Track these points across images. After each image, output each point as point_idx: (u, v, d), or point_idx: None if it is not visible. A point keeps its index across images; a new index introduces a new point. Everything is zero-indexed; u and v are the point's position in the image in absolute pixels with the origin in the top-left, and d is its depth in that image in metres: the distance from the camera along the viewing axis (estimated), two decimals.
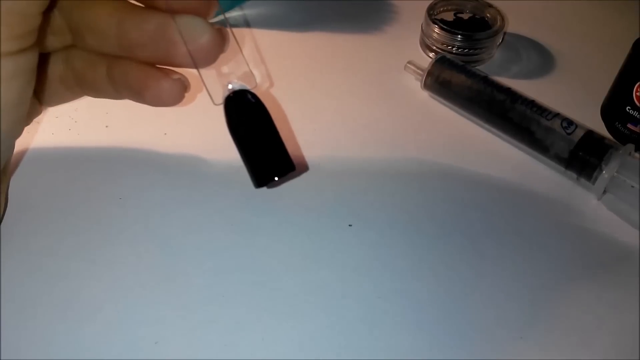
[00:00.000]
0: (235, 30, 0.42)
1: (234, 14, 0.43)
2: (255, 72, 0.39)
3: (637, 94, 0.33)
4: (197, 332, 0.26)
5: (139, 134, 0.35)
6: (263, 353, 0.26)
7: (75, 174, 0.32)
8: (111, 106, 0.35)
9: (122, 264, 0.29)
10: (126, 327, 0.26)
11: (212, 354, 0.26)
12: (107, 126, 0.35)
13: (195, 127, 0.35)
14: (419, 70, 0.38)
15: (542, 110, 0.33)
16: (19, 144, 0.33)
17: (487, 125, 0.36)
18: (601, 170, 0.31)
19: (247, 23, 0.43)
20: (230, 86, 0.28)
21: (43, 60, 0.28)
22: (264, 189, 0.32)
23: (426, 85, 0.37)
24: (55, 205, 0.31)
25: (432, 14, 0.40)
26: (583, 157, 0.32)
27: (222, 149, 0.34)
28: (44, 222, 0.30)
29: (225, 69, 0.28)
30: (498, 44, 0.40)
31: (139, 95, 0.28)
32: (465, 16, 0.41)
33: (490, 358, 0.26)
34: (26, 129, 0.34)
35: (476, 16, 0.41)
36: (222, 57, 0.26)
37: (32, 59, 0.24)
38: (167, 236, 0.30)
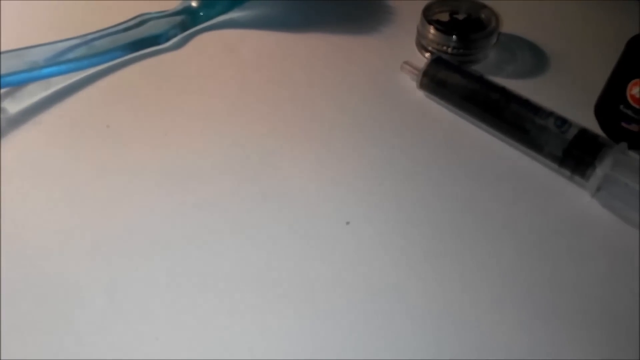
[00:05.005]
0: (234, 31, 0.42)
1: (233, 15, 0.43)
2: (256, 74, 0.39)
3: (631, 92, 0.34)
4: (195, 330, 0.27)
5: (140, 134, 0.35)
6: (261, 351, 0.26)
7: (76, 174, 0.33)
8: (112, 106, 0.36)
9: (121, 262, 0.29)
10: (126, 324, 0.27)
11: (212, 352, 0.26)
12: (108, 126, 0.35)
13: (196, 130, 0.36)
14: (414, 70, 0.38)
15: (536, 109, 0.34)
16: (19, 144, 0.34)
17: (482, 124, 0.36)
18: (594, 168, 0.32)
19: (245, 24, 0.43)
20: None
21: None
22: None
23: (422, 85, 0.38)
24: (55, 204, 0.31)
25: (427, 15, 0.40)
26: (577, 155, 0.32)
27: (223, 148, 0.34)
28: (41, 223, 0.30)
29: None
30: (493, 44, 0.40)
31: None
32: (461, 17, 0.41)
33: (489, 357, 0.26)
34: (27, 129, 0.35)
35: (471, 17, 0.41)
36: None
37: None
38: (167, 235, 0.30)
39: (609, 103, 0.35)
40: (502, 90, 0.35)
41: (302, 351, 0.26)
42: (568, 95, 0.38)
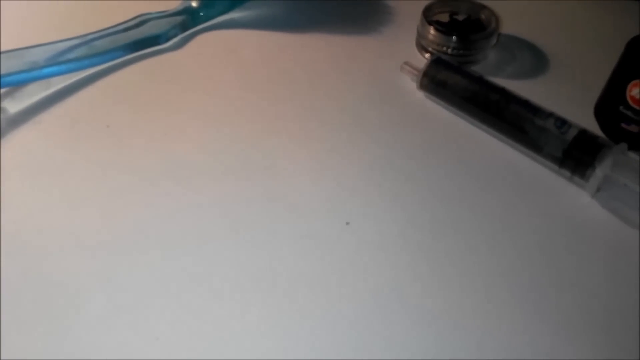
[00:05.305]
0: (234, 31, 0.43)
1: (233, 15, 0.44)
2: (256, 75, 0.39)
3: (631, 93, 0.34)
4: (195, 330, 0.27)
5: (140, 134, 0.35)
6: (262, 351, 0.26)
7: (76, 174, 0.33)
8: (112, 106, 0.36)
9: (121, 262, 0.29)
10: (126, 324, 0.27)
11: (212, 352, 0.26)
12: (108, 126, 0.35)
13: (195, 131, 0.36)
14: (414, 71, 0.38)
15: (536, 109, 0.34)
16: (19, 144, 0.34)
17: (482, 125, 0.36)
18: (594, 169, 0.32)
19: (245, 24, 0.43)
20: None
21: None
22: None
23: (422, 86, 0.38)
24: (55, 204, 0.31)
25: (427, 16, 0.40)
26: (576, 155, 0.32)
27: (223, 148, 0.34)
28: (41, 223, 0.30)
29: None
30: (492, 44, 0.40)
31: None
32: (461, 17, 0.41)
33: (489, 357, 0.26)
34: (27, 129, 0.35)
35: (471, 17, 0.41)
36: None
37: None
38: (167, 234, 0.30)
39: (609, 104, 0.35)
40: (502, 91, 0.35)
41: (302, 351, 0.26)
42: (568, 96, 0.38)
